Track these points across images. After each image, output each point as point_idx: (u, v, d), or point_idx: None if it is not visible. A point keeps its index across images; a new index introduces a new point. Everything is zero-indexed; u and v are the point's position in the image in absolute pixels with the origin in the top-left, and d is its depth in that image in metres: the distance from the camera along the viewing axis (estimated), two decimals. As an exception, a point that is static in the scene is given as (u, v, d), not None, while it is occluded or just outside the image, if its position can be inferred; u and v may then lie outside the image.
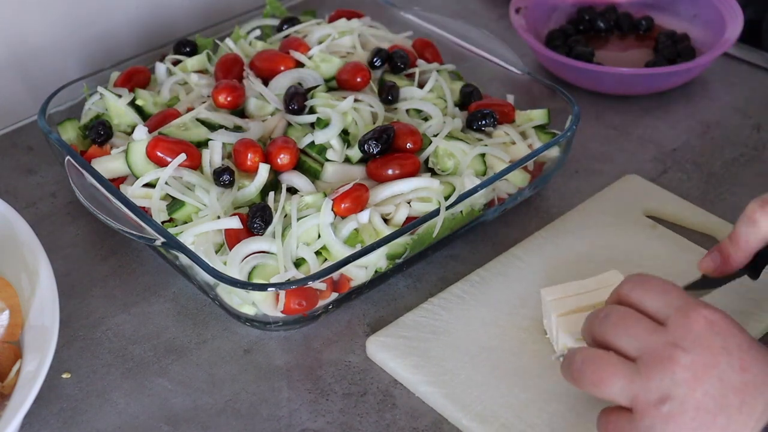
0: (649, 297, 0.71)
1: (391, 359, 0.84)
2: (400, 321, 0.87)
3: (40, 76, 1.16)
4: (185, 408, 0.82)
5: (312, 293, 0.84)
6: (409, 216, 0.89)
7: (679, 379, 0.66)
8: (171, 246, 0.84)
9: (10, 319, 0.80)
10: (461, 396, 0.80)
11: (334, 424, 0.80)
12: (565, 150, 0.97)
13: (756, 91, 1.17)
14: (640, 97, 1.16)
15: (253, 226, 0.86)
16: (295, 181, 0.91)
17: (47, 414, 0.82)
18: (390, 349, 0.84)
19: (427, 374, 0.82)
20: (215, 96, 0.98)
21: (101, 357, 0.86)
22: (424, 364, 0.83)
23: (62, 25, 1.17)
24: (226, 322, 0.89)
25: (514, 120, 1.01)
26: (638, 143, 1.09)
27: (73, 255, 0.97)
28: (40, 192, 1.05)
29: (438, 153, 0.94)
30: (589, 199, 0.99)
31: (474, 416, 0.78)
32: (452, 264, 0.94)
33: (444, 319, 0.87)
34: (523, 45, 1.18)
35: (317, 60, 1.04)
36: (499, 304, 0.88)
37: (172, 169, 0.90)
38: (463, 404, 0.79)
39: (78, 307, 0.91)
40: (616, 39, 1.23)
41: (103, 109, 1.01)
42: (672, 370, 0.66)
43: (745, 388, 0.65)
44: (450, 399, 0.80)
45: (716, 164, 1.06)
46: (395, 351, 0.84)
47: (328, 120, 0.95)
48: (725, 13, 1.18)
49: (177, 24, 1.26)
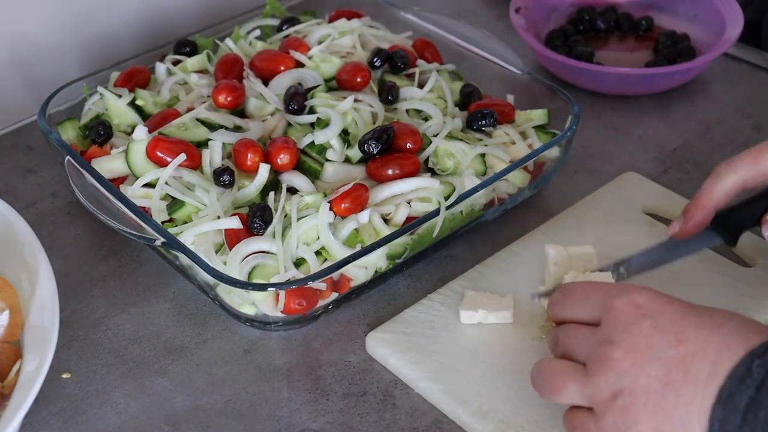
0: (576, 308, 0.73)
1: (390, 355, 0.84)
2: (399, 317, 0.87)
3: (40, 76, 1.16)
4: (185, 408, 0.82)
5: (312, 293, 0.84)
6: (409, 216, 0.89)
7: (620, 371, 0.66)
8: (171, 246, 0.84)
9: (10, 319, 0.80)
10: (460, 392, 0.80)
11: (334, 424, 0.80)
12: (565, 150, 0.97)
13: (756, 91, 1.17)
14: (640, 97, 1.16)
15: (253, 226, 0.86)
16: (295, 181, 0.91)
17: (47, 414, 0.82)
18: (389, 345, 0.84)
19: (427, 370, 0.82)
20: (215, 96, 0.98)
21: (101, 357, 0.86)
22: (424, 360, 0.83)
23: (62, 25, 1.17)
24: (226, 322, 0.89)
25: (514, 120, 1.01)
26: (638, 143, 1.09)
27: (73, 255, 0.97)
28: (40, 192, 1.05)
29: (438, 153, 0.94)
30: (588, 196, 0.99)
31: (473, 412, 0.79)
32: (452, 264, 0.94)
33: (443, 315, 0.87)
34: (523, 45, 1.18)
35: (317, 60, 1.04)
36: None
37: (172, 169, 0.90)
38: (463, 400, 0.79)
39: (78, 307, 0.91)
40: (616, 39, 1.23)
41: (103, 109, 1.01)
42: (611, 365, 0.67)
43: (685, 359, 0.65)
44: (449, 395, 0.80)
45: (716, 164, 1.05)
46: (395, 347, 0.84)
47: (328, 120, 0.95)
48: (725, 13, 1.18)
49: (177, 24, 1.26)
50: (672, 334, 0.66)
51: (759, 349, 0.63)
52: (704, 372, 0.64)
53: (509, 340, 0.84)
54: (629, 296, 0.69)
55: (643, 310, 0.68)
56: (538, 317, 0.86)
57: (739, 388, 0.62)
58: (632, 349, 0.66)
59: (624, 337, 0.67)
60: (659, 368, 0.65)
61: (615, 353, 0.67)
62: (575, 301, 0.73)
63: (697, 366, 0.64)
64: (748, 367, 0.63)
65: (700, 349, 0.65)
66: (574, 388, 0.69)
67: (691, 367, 0.65)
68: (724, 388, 0.63)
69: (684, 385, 0.64)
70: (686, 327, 0.66)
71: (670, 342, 0.66)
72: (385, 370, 0.84)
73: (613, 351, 0.67)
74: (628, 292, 0.69)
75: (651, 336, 0.66)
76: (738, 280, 0.88)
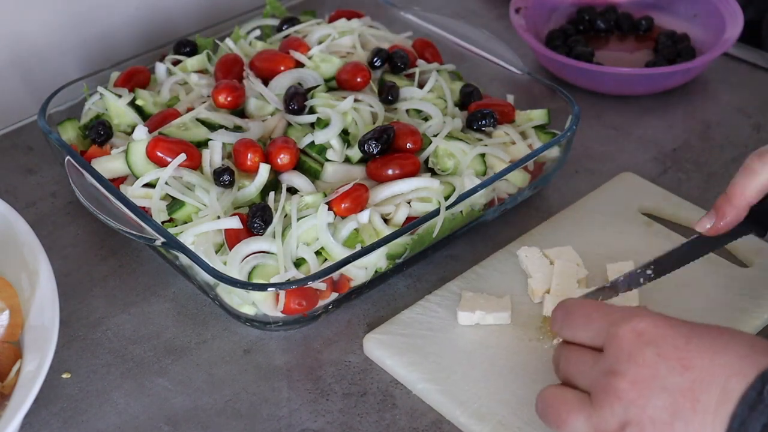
0: (579, 331, 0.71)
1: (388, 357, 0.84)
2: (396, 318, 0.87)
3: (40, 76, 1.16)
4: (185, 408, 0.82)
5: (312, 293, 0.84)
6: (409, 216, 0.89)
7: (626, 402, 0.65)
8: (171, 246, 0.84)
9: (10, 319, 0.80)
10: (458, 393, 0.80)
11: (334, 424, 0.80)
12: (565, 150, 0.97)
13: (756, 91, 1.17)
14: (640, 97, 1.16)
15: (253, 226, 0.86)
16: (295, 181, 0.91)
17: (47, 414, 0.82)
18: (387, 346, 0.84)
19: (424, 371, 0.82)
20: (215, 96, 0.98)
21: (101, 357, 0.86)
22: (421, 361, 0.83)
23: (62, 25, 1.17)
24: (226, 322, 0.89)
25: (514, 120, 1.01)
26: (638, 143, 1.09)
27: (73, 255, 0.97)
28: (40, 192, 1.05)
29: (438, 153, 0.94)
30: (585, 196, 0.99)
31: (471, 413, 0.78)
32: (452, 264, 0.94)
33: (441, 316, 0.87)
34: (523, 45, 1.18)
35: (317, 60, 1.04)
36: None
37: (172, 169, 0.90)
38: (460, 401, 0.79)
39: (78, 307, 0.91)
40: (616, 39, 1.23)
41: (103, 109, 1.01)
42: (617, 396, 0.65)
43: (692, 386, 0.63)
44: (447, 396, 0.80)
45: (716, 164, 1.06)
46: (392, 348, 0.84)
47: (327, 120, 0.95)
48: (725, 13, 1.18)
49: (177, 24, 1.26)
50: (676, 361, 0.65)
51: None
52: (713, 399, 0.63)
53: (507, 341, 0.84)
54: (631, 323, 0.67)
55: (645, 337, 0.66)
56: (536, 318, 0.86)
57: (751, 415, 0.61)
58: (637, 379, 0.65)
59: (628, 367, 0.65)
60: (666, 398, 0.64)
61: (620, 384, 0.65)
62: (577, 325, 0.71)
63: (705, 393, 0.63)
64: (759, 391, 0.61)
65: (707, 374, 0.63)
66: (581, 419, 0.67)
67: (699, 395, 0.63)
68: (736, 415, 0.61)
69: (693, 414, 0.63)
70: (691, 352, 0.65)
71: (675, 369, 0.64)
72: (385, 371, 0.84)
73: (617, 382, 0.66)
74: (630, 318, 0.67)
75: (655, 365, 0.65)
76: (736, 280, 0.88)
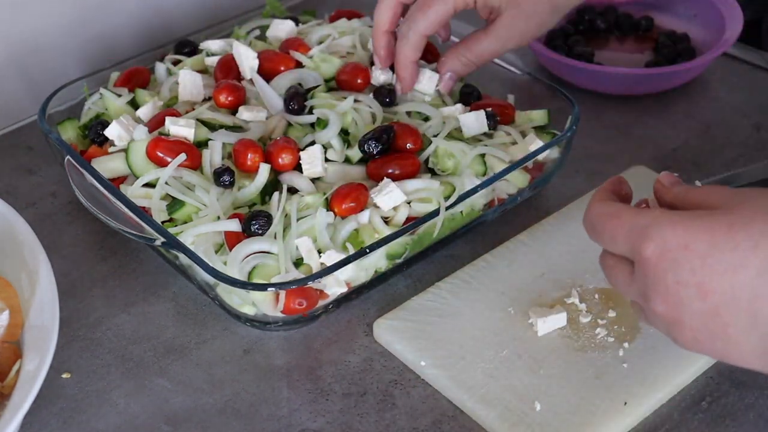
0: (608, 246, 0.71)
1: (397, 342, 0.84)
2: (406, 304, 0.87)
3: (40, 76, 1.16)
4: (185, 408, 0.82)
5: (312, 293, 0.84)
6: (409, 216, 0.89)
7: (667, 322, 0.67)
8: (171, 246, 0.84)
9: (10, 319, 0.80)
10: (466, 379, 0.81)
11: (334, 424, 0.80)
12: (565, 150, 0.97)
13: (756, 91, 1.17)
14: (640, 97, 1.16)
15: (248, 231, 0.85)
16: (296, 181, 0.91)
17: (47, 414, 0.82)
18: (396, 331, 0.85)
19: (433, 357, 0.83)
20: (215, 96, 0.98)
21: (101, 357, 0.86)
22: (430, 346, 0.84)
23: (62, 25, 1.17)
24: (226, 322, 0.89)
25: (514, 120, 1.01)
26: (638, 143, 1.09)
27: (73, 255, 0.97)
28: (40, 192, 1.05)
29: (438, 153, 0.94)
30: (585, 196, 0.99)
31: (478, 399, 0.79)
32: (452, 264, 0.94)
33: (450, 302, 0.87)
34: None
35: (317, 60, 1.04)
36: (505, 288, 0.88)
37: (172, 169, 0.90)
38: (468, 387, 0.80)
39: (78, 307, 0.91)
40: (616, 39, 1.23)
41: (102, 109, 1.01)
42: (656, 317, 0.68)
43: (717, 309, 0.64)
44: (455, 381, 0.81)
45: (716, 164, 1.06)
46: (402, 333, 0.85)
47: (327, 120, 0.95)
48: (725, 13, 1.18)
49: (177, 24, 1.26)
50: (695, 287, 0.64)
51: None
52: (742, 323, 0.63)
53: (515, 328, 0.85)
54: (653, 241, 0.66)
55: (665, 258, 0.65)
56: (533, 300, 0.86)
57: None
58: (667, 304, 0.66)
59: (656, 295, 0.66)
60: (697, 321, 0.65)
61: (656, 308, 0.67)
62: (604, 241, 0.71)
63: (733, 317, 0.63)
64: None
65: (729, 297, 0.63)
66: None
67: (726, 319, 0.64)
68: None
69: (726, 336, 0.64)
70: (710, 274, 0.63)
71: (696, 296, 0.64)
72: (385, 370, 0.84)
73: (653, 306, 0.67)
74: (650, 234, 0.66)
75: (677, 293, 0.65)
76: None
